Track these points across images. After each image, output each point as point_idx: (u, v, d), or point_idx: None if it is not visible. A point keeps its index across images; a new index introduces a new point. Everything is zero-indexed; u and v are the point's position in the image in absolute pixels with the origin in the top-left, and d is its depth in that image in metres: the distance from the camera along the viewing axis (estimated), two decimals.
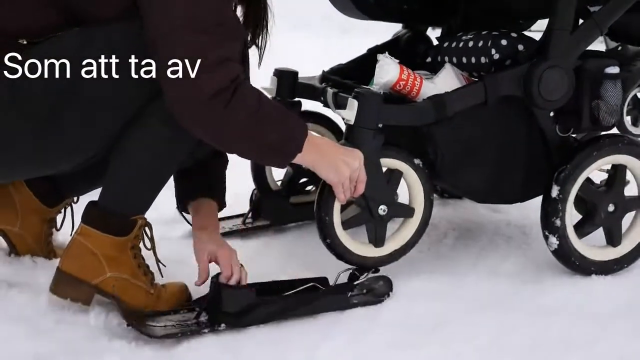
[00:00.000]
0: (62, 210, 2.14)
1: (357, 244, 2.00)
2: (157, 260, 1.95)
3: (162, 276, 1.94)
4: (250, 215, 2.43)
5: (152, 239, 1.94)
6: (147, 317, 1.82)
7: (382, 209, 1.97)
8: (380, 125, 1.94)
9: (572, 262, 2.10)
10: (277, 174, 2.46)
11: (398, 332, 1.85)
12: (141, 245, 1.92)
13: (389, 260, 2.04)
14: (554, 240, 2.07)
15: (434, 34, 2.50)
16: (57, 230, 2.15)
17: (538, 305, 1.99)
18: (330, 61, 2.48)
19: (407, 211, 2.04)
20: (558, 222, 2.06)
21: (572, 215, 2.09)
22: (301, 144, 1.81)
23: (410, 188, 2.04)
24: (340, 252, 1.97)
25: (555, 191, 2.05)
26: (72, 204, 2.14)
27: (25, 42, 1.72)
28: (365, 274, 1.97)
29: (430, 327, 1.88)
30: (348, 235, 1.99)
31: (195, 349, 1.76)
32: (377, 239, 2.01)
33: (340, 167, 1.87)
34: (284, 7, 3.87)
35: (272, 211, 2.42)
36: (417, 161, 2.01)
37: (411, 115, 1.97)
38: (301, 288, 1.92)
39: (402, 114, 1.96)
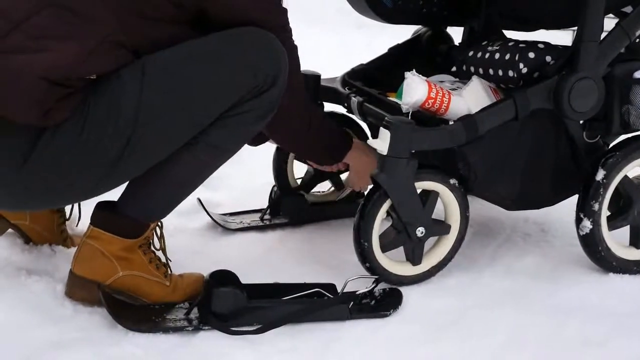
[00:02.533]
0: None
1: (395, 264, 2.03)
2: (167, 259, 1.96)
3: (171, 271, 1.95)
4: (268, 211, 2.43)
5: (161, 238, 1.95)
6: (133, 309, 1.84)
7: (420, 231, 2.00)
8: (412, 151, 1.94)
9: (597, 251, 2.11)
10: (298, 173, 2.46)
11: (414, 328, 1.87)
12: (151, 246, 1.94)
13: (426, 277, 2.07)
14: (587, 224, 2.08)
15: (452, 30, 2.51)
16: (67, 220, 2.16)
17: (554, 302, 2.01)
18: (346, 56, 2.48)
19: (443, 229, 2.06)
20: (596, 207, 2.07)
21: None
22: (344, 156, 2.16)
23: (446, 206, 2.05)
24: (379, 273, 2.00)
25: (600, 175, 2.06)
26: None
27: (94, 77, 1.71)
28: (372, 285, 1.96)
29: (446, 323, 1.90)
30: (386, 257, 2.02)
31: (213, 339, 1.78)
32: (415, 258, 2.03)
33: (363, 179, 2.18)
34: (299, 1, 3.89)
35: (290, 209, 2.42)
36: (452, 181, 2.02)
37: (443, 138, 1.96)
38: (303, 293, 1.92)
39: (434, 138, 1.96)
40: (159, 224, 1.93)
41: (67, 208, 2.16)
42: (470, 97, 2.03)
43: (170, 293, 1.90)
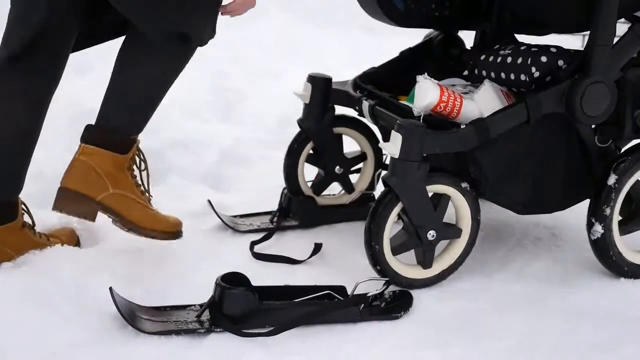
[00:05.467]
0: None
1: (406, 267, 2.03)
2: (146, 186, 2.05)
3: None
4: (278, 214, 2.43)
5: (143, 160, 2.06)
6: (144, 311, 1.85)
7: (431, 234, 2.00)
8: (424, 155, 1.94)
9: (609, 256, 2.11)
10: (309, 176, 2.47)
11: (425, 330, 1.87)
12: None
13: (437, 280, 2.07)
14: (598, 229, 2.08)
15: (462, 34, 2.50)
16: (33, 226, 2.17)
17: (566, 307, 2.01)
18: (357, 60, 2.48)
19: (454, 232, 2.06)
20: (607, 211, 2.07)
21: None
22: None
23: (457, 210, 2.05)
24: (390, 276, 2.00)
25: (612, 179, 2.06)
26: None
27: None
28: (382, 288, 1.97)
29: (457, 327, 1.90)
30: (397, 260, 2.02)
31: (225, 341, 1.78)
32: (426, 262, 2.03)
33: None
34: (310, 4, 3.89)
35: (301, 212, 2.42)
36: (464, 184, 2.02)
37: (455, 142, 1.96)
38: (314, 295, 1.92)
39: (446, 141, 1.96)
40: (139, 147, 2.04)
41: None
42: (482, 101, 2.03)
43: (151, 218, 2.02)
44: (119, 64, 2.00)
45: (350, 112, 2.38)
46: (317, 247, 2.22)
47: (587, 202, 2.13)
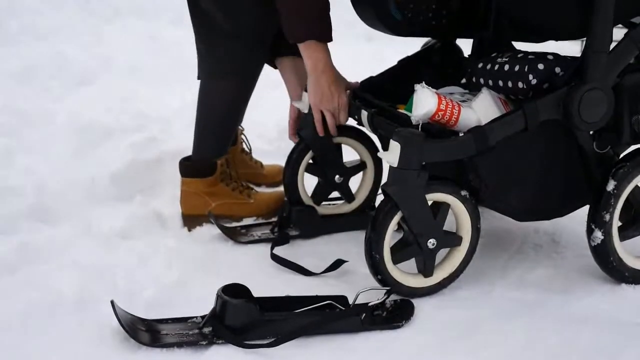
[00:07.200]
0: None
1: (407, 276, 2.04)
2: (246, 184, 2.55)
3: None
4: (279, 224, 2.44)
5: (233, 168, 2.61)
6: (146, 324, 1.85)
7: (432, 243, 2.00)
8: (423, 163, 1.94)
9: (609, 262, 2.11)
10: (309, 186, 2.47)
11: (427, 339, 1.88)
12: None
13: (437, 289, 2.07)
14: (598, 235, 2.08)
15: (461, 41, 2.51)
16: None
17: (567, 313, 2.01)
18: (356, 69, 2.48)
19: (455, 240, 2.06)
20: (607, 217, 2.07)
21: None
22: (304, 37, 2.19)
23: (457, 218, 2.06)
24: (391, 285, 2.00)
25: (611, 185, 2.06)
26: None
27: None
28: (384, 297, 1.97)
29: (458, 335, 1.90)
30: (398, 269, 2.02)
31: (227, 352, 1.78)
32: (427, 270, 2.03)
33: (325, 95, 2.26)
34: None
35: (301, 222, 2.43)
36: (463, 192, 2.02)
37: (453, 150, 1.96)
38: (315, 306, 1.92)
39: (444, 150, 1.95)
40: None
41: None
42: (480, 109, 2.04)
43: (255, 208, 2.48)
44: None
45: (350, 121, 2.38)
46: (338, 263, 2.18)
47: (587, 208, 2.13)
